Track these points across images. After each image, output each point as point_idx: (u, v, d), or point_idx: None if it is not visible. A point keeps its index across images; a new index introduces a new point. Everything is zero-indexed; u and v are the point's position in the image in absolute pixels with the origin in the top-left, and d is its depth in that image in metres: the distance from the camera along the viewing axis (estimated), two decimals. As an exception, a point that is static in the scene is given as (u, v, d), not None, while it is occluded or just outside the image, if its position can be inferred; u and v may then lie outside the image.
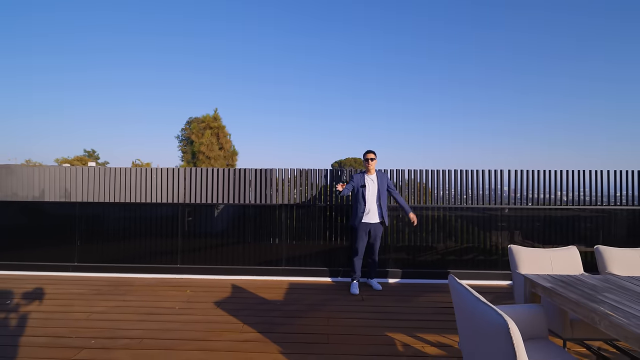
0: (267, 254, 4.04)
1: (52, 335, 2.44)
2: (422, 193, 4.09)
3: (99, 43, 57.15)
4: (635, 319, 1.35)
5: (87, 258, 4.05)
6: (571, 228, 3.98)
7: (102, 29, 57.59)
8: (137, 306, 3.01)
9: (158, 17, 66.21)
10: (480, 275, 3.91)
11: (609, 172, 3.93)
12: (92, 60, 57.14)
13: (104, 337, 2.42)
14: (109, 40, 58.11)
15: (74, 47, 57.28)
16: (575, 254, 2.47)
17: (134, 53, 60.16)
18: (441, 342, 2.38)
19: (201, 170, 4.17)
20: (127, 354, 2.19)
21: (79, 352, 2.21)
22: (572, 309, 1.57)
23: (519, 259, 2.42)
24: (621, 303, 1.53)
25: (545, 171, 4.01)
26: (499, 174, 4.03)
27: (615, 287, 1.76)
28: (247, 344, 2.33)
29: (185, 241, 4.06)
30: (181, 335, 2.46)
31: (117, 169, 4.16)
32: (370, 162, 3.52)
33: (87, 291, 3.40)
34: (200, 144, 18.41)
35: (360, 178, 3.56)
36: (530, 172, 4.03)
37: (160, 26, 66.02)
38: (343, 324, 2.68)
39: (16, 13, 49.68)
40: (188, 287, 3.56)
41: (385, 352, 2.24)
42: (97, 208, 4.12)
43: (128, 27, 60.57)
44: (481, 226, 4.07)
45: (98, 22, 57.01)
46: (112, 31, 58.46)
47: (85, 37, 57.16)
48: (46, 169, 4.19)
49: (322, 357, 2.18)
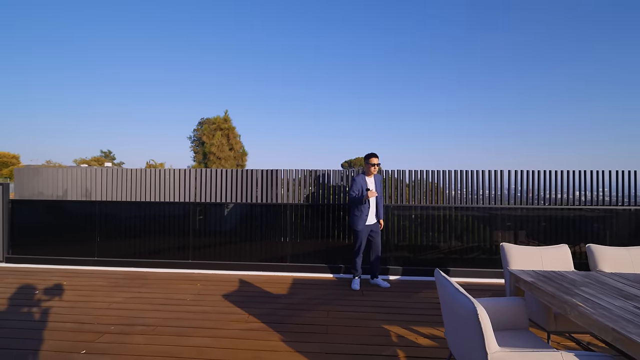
0: (273, 251, 4.23)
1: (76, 322, 2.69)
2: (424, 192, 4.20)
3: (113, 43, 58.79)
4: (602, 309, 1.46)
5: (106, 253, 4.34)
6: (574, 228, 4.01)
7: (110, 29, 59.42)
8: (152, 297, 3.25)
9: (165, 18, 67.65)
10: (482, 274, 3.99)
11: (610, 173, 3.95)
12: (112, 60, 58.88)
13: (122, 324, 2.66)
14: (123, 41, 59.77)
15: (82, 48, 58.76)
16: (566, 252, 2.56)
17: (145, 53, 61.77)
18: (434, 335, 2.51)
19: (211, 170, 4.40)
20: (143, 339, 2.41)
21: (101, 337, 2.45)
22: (548, 301, 1.69)
23: (510, 257, 2.51)
24: (594, 296, 1.63)
25: (546, 171, 4.06)
26: (499, 175, 4.10)
27: (594, 282, 1.86)
28: (252, 332, 2.52)
29: (196, 238, 4.30)
30: (192, 323, 2.67)
31: (133, 169, 4.43)
32: (374, 168, 3.60)
33: (106, 283, 3.67)
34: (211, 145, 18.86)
35: (364, 181, 3.62)
36: (531, 173, 4.08)
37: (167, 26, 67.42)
38: (342, 316, 2.84)
39: (30, 13, 51.34)
40: (198, 281, 3.78)
41: (380, 342, 2.39)
42: (115, 207, 4.40)
43: (135, 28, 62.44)
44: (484, 225, 4.15)
45: (106, 23, 58.78)
46: (119, 32, 60.18)
47: (98, 38, 58.83)
48: (68, 170, 4.51)
49: (321, 345, 2.34)
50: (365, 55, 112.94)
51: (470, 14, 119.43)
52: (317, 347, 2.32)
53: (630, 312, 1.44)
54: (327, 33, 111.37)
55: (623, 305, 1.52)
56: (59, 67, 58.83)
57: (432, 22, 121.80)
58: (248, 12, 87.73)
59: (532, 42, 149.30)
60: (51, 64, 57.87)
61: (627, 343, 1.22)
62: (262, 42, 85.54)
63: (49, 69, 58.54)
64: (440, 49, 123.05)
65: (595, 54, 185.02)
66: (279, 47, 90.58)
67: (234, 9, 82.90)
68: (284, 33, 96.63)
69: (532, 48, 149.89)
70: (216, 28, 73.97)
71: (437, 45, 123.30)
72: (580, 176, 4.01)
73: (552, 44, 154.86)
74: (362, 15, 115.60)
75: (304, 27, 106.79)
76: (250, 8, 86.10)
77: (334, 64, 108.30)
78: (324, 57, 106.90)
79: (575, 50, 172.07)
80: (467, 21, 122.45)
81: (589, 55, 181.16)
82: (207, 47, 72.25)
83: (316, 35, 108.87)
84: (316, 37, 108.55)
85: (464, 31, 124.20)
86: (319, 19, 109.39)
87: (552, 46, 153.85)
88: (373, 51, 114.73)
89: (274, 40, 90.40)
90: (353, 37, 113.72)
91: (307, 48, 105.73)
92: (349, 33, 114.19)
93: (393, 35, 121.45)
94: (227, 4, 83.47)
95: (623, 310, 1.46)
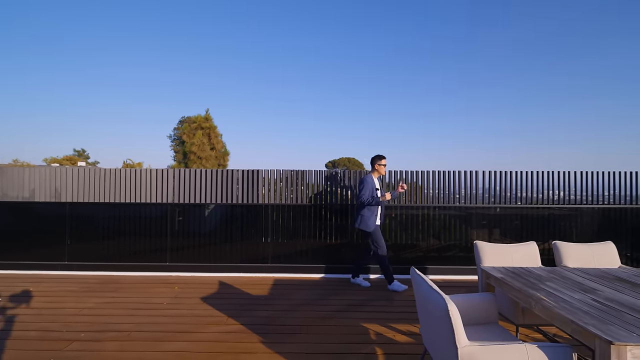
0: (254, 251, 4.19)
1: (43, 330, 2.55)
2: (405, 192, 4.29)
3: (92, 43, 56.50)
4: (564, 303, 1.55)
5: (77, 257, 4.14)
6: (545, 225, 4.22)
7: (93, 28, 56.92)
8: (127, 302, 3.14)
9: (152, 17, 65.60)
10: (459, 271, 4.12)
11: (576, 173, 4.19)
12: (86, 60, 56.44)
13: (93, 330, 2.55)
14: (102, 40, 57.47)
15: (65, 47, 56.50)
16: (534, 249, 2.69)
17: (129, 52, 59.63)
18: (412, 331, 2.57)
19: (190, 171, 4.29)
20: (116, 345, 2.33)
21: (70, 344, 2.33)
22: (515, 295, 1.77)
23: (483, 254, 2.61)
24: (557, 290, 1.73)
25: (518, 172, 4.24)
26: (474, 175, 4.25)
27: (558, 277, 1.97)
28: (230, 335, 2.48)
29: (175, 240, 4.19)
30: (168, 328, 2.60)
31: (107, 169, 4.26)
32: (384, 168, 3.69)
33: (77, 289, 3.50)
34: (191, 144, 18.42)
35: (373, 181, 3.60)
36: (504, 173, 4.25)
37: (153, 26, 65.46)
38: (322, 316, 2.85)
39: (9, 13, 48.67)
40: (176, 284, 3.69)
41: (358, 341, 2.42)
42: (87, 208, 4.21)
43: (121, 27, 59.93)
44: (460, 224, 4.29)
45: (88, 22, 56.30)
46: (104, 30, 57.83)
47: (76, 37, 56.43)
48: (36, 170, 4.27)
49: (300, 346, 2.34)
50: (365, 55, 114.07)
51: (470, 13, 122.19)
52: (296, 347, 2.32)
53: (588, 305, 1.54)
54: (322, 33, 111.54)
55: (582, 298, 1.62)
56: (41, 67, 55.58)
57: (433, 23, 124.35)
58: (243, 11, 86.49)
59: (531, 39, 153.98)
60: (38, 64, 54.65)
61: (584, 333, 1.31)
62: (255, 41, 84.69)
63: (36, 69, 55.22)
64: (440, 50, 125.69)
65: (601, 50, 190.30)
66: (278, 48, 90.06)
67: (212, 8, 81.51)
68: (283, 33, 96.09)
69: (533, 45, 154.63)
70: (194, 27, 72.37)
71: (437, 45, 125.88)
72: (549, 177, 4.22)
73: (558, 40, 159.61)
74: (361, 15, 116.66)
75: (303, 27, 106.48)
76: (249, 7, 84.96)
77: (329, 64, 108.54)
78: (321, 58, 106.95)
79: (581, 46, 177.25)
80: (468, 20, 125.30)
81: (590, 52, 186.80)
82: (206, 48, 70.78)
83: (315, 36, 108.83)
84: (315, 38, 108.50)
85: (464, 30, 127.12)
86: (316, 19, 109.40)
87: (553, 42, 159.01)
88: (373, 52, 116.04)
89: (273, 40, 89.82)
90: (347, 37, 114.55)
91: (307, 48, 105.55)
92: (345, 33, 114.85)
93: (393, 36, 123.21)
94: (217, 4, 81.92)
95: (582, 303, 1.56)
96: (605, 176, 4.19)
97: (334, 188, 4.29)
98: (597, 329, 1.28)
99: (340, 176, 4.29)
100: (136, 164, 28.16)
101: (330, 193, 4.28)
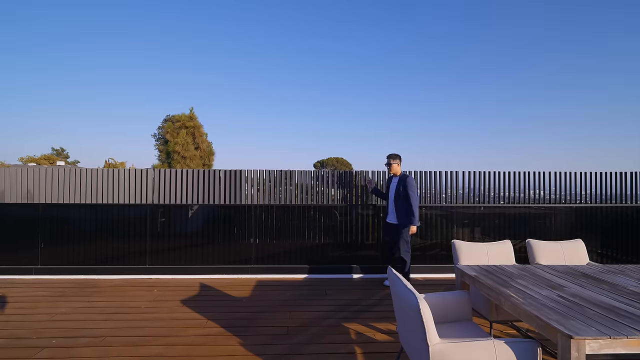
0: (238, 253, 4.14)
1: (10, 337, 2.45)
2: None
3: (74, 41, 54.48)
4: (531, 299, 1.60)
5: (51, 260, 3.99)
6: (523, 224, 4.35)
7: (74, 27, 54.90)
8: (103, 306, 3.04)
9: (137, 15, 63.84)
10: (441, 269, 4.20)
11: (550, 174, 4.35)
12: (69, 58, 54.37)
13: (66, 336, 2.46)
14: (89, 38, 55.50)
15: (51, 46, 54.29)
16: (508, 247, 2.78)
17: (117, 52, 57.86)
18: (391, 330, 2.61)
19: (170, 171, 4.20)
20: (90, 351, 2.25)
21: (39, 352, 2.24)
22: (487, 293, 1.82)
23: (460, 253, 2.68)
24: (527, 287, 1.79)
25: (497, 172, 4.36)
26: (455, 175, 4.34)
27: (529, 274, 2.04)
28: (209, 338, 2.45)
29: (155, 242, 4.09)
30: (145, 332, 2.54)
31: (84, 169, 4.11)
32: (387, 168, 3.90)
33: (50, 293, 3.37)
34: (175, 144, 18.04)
35: None
36: (484, 173, 4.36)
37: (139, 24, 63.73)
38: (303, 317, 2.85)
39: None
40: (156, 287, 3.61)
41: (339, 340, 2.43)
42: (62, 209, 4.06)
43: (103, 24, 58.00)
44: (442, 223, 4.37)
45: (69, 21, 54.25)
46: (86, 29, 55.84)
47: (58, 35, 54.30)
48: (6, 170, 4.08)
49: (280, 347, 2.34)
50: (364, 55, 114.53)
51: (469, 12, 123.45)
52: (276, 349, 2.31)
53: (553, 301, 1.60)
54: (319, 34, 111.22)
55: (549, 295, 1.69)
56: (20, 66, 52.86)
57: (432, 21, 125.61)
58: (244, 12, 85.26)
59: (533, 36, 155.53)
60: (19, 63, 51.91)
61: (547, 328, 1.36)
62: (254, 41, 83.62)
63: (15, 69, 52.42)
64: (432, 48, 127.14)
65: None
66: (277, 48, 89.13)
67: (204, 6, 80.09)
68: (282, 32, 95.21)
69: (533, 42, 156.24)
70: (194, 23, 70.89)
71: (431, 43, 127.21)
72: (526, 177, 4.36)
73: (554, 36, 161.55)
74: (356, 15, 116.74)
75: (302, 27, 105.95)
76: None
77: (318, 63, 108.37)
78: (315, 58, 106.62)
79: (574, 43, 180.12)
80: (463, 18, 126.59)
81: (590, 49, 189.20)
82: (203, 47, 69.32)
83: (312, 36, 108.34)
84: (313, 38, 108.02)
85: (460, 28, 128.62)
86: (314, 18, 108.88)
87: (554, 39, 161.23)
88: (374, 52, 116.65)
89: (273, 40, 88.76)
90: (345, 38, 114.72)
91: (305, 48, 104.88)
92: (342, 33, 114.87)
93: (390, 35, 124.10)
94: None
95: (548, 299, 1.62)
96: (578, 176, 4.36)
97: (322, 188, 4.30)
98: (559, 324, 1.34)
99: (328, 176, 4.30)
100: (119, 164, 27.35)
101: (319, 193, 4.29)
